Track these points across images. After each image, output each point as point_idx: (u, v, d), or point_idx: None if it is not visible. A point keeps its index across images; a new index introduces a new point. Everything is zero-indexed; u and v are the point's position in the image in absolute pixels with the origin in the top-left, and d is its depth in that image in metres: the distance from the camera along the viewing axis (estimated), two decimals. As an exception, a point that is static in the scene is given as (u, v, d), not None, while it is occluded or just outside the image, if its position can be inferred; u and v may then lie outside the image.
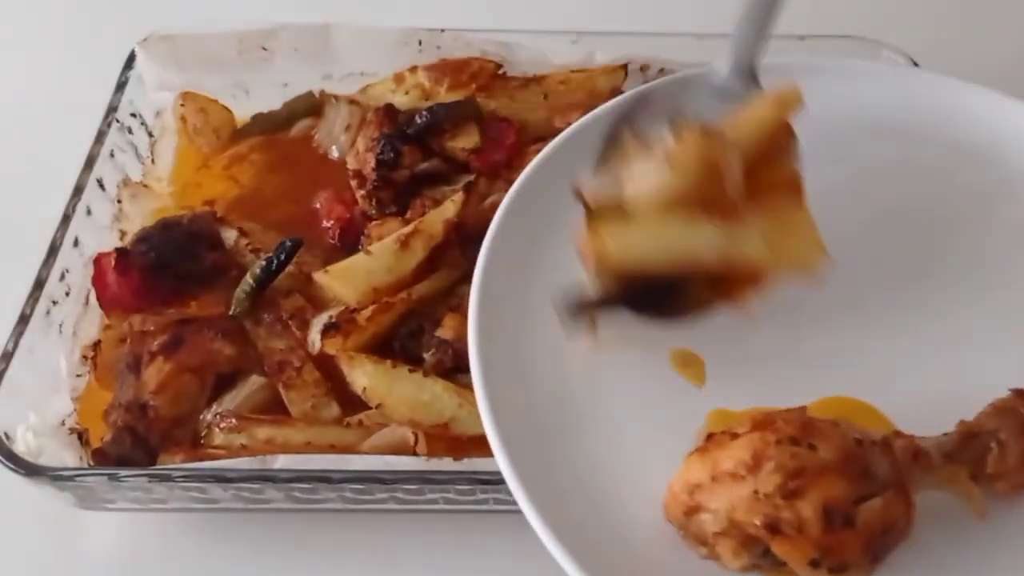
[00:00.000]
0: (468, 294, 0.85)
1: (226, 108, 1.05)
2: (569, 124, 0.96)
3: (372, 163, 0.92)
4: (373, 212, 0.93)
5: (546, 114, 1.00)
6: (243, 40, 1.05)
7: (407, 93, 1.01)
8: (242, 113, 1.06)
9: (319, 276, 0.84)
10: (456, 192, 0.90)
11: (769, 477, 0.55)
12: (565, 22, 1.08)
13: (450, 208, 0.87)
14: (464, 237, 0.88)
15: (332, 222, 0.93)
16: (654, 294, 0.67)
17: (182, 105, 1.02)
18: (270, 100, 1.05)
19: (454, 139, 0.95)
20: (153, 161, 1.02)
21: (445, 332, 0.81)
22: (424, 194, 0.93)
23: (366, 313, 0.82)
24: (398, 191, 0.92)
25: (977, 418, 0.62)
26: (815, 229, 0.69)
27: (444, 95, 0.99)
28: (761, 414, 0.60)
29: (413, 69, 1.02)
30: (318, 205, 0.95)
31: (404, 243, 0.84)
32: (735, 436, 0.58)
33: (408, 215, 0.90)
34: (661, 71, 1.06)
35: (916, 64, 1.03)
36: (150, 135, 1.03)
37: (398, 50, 1.05)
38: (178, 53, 1.03)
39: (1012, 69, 1.24)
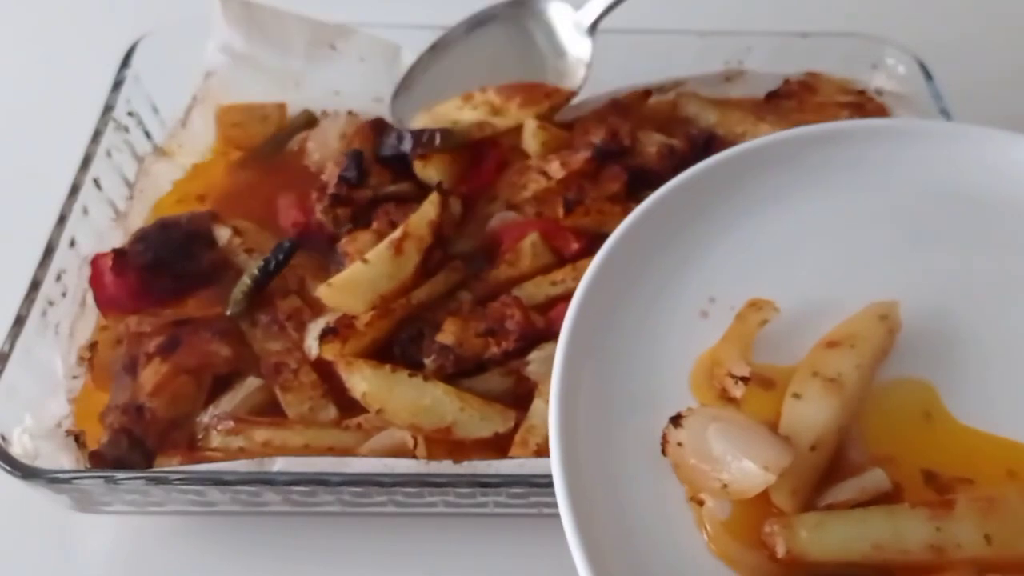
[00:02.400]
0: (467, 299, 0.84)
1: (265, 117, 1.03)
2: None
3: (335, 179, 0.90)
4: (329, 227, 0.90)
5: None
6: (317, 31, 1.04)
7: (475, 108, 0.98)
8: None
9: (322, 291, 0.83)
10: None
11: None
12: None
13: (431, 210, 0.86)
14: (442, 239, 0.87)
15: (290, 227, 0.92)
16: None
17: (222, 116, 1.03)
18: (317, 102, 1.05)
19: (425, 168, 0.93)
20: (185, 125, 1.02)
21: (446, 337, 0.80)
22: (386, 207, 0.90)
23: (365, 319, 0.81)
24: (356, 211, 0.90)
25: None
26: None
27: (515, 111, 0.97)
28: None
29: (484, 89, 0.99)
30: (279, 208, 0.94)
31: (398, 248, 0.83)
32: None
33: (375, 226, 0.88)
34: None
35: (921, 63, 1.02)
36: (193, 98, 1.03)
37: None
38: (252, 20, 1.03)
39: (1014, 67, 1.23)
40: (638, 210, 0.73)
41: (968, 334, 0.68)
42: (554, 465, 0.61)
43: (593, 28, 0.99)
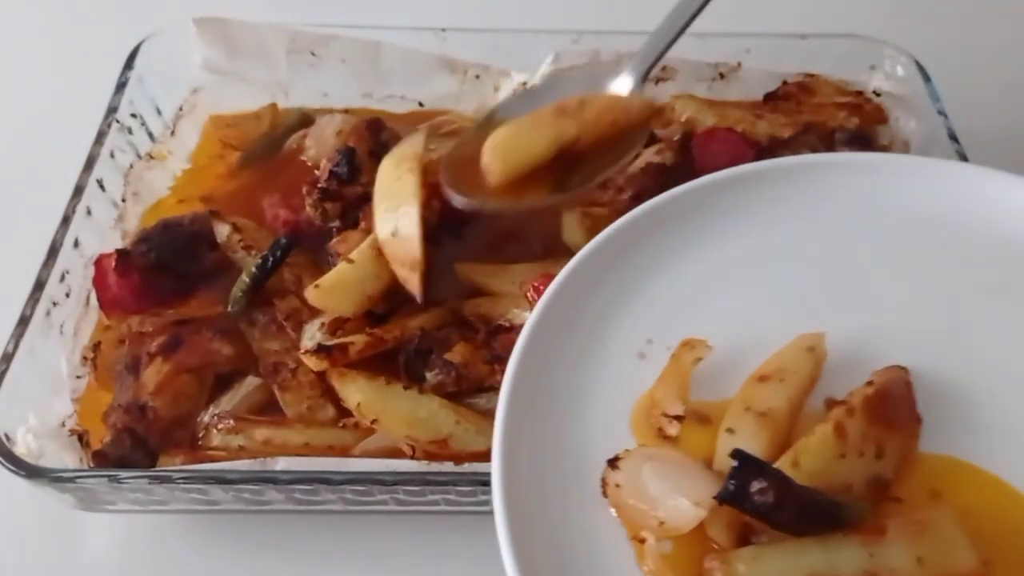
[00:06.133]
0: (483, 331, 0.84)
1: (258, 116, 1.05)
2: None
3: (327, 174, 0.90)
4: (318, 221, 0.90)
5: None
6: (295, 40, 1.05)
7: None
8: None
9: (310, 293, 0.82)
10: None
11: None
12: (566, 21, 1.08)
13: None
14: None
15: (280, 225, 0.92)
16: None
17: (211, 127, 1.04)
18: (307, 106, 1.06)
19: None
20: (173, 133, 1.03)
21: (453, 356, 0.80)
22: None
23: (357, 346, 0.80)
24: (346, 207, 0.90)
25: None
26: (959, 530, 0.60)
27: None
28: None
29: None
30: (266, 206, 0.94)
31: (381, 248, 0.83)
32: None
33: (363, 225, 0.88)
34: (664, 68, 1.06)
35: (919, 64, 1.03)
36: (180, 108, 1.04)
37: (443, 78, 1.06)
38: (229, 37, 1.04)
39: (1013, 68, 1.24)
40: (574, 259, 0.74)
41: (894, 358, 0.68)
42: (497, 510, 0.61)
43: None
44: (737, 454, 0.58)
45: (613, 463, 0.63)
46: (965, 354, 0.70)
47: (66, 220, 0.87)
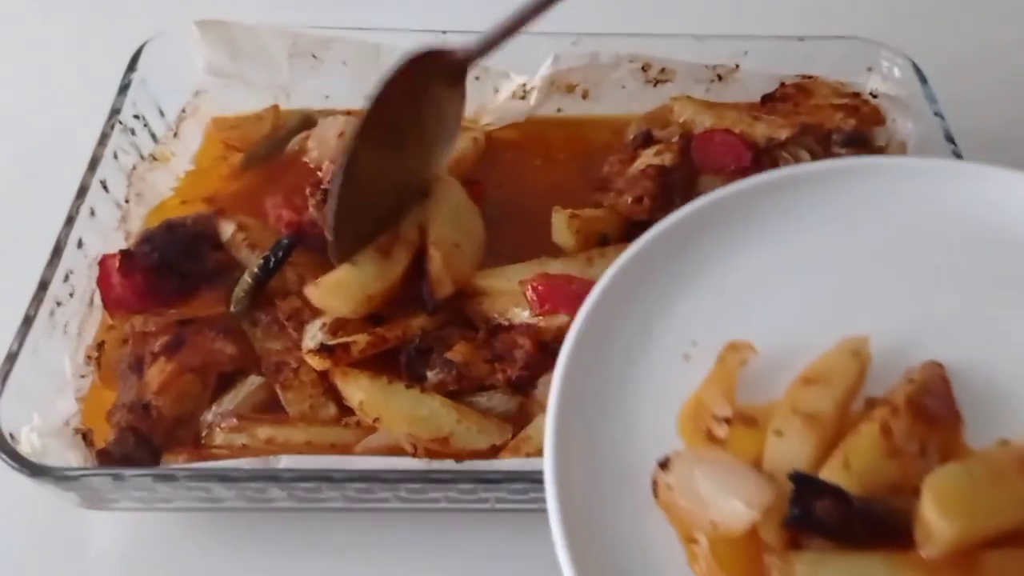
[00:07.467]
0: (483, 331, 0.84)
1: (260, 117, 1.06)
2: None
3: (329, 175, 0.90)
4: (320, 222, 0.89)
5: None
6: (296, 42, 1.06)
7: None
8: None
9: (310, 291, 0.82)
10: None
11: None
12: (566, 23, 1.09)
13: (420, 213, 0.87)
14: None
15: (283, 227, 0.91)
16: None
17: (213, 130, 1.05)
18: (309, 108, 1.07)
19: None
20: (176, 135, 1.04)
21: (454, 355, 0.81)
22: None
23: (359, 346, 0.81)
24: None
25: None
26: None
27: None
28: None
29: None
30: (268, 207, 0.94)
31: (386, 252, 0.84)
32: None
33: None
34: (662, 70, 1.07)
35: (916, 66, 1.03)
36: (183, 110, 1.05)
37: None
38: (231, 40, 1.05)
39: (1010, 69, 1.24)
40: (618, 262, 0.75)
41: (927, 355, 0.68)
42: (551, 513, 0.62)
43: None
44: (795, 477, 0.59)
45: (664, 465, 0.63)
46: (994, 348, 0.70)
47: (70, 221, 0.88)
